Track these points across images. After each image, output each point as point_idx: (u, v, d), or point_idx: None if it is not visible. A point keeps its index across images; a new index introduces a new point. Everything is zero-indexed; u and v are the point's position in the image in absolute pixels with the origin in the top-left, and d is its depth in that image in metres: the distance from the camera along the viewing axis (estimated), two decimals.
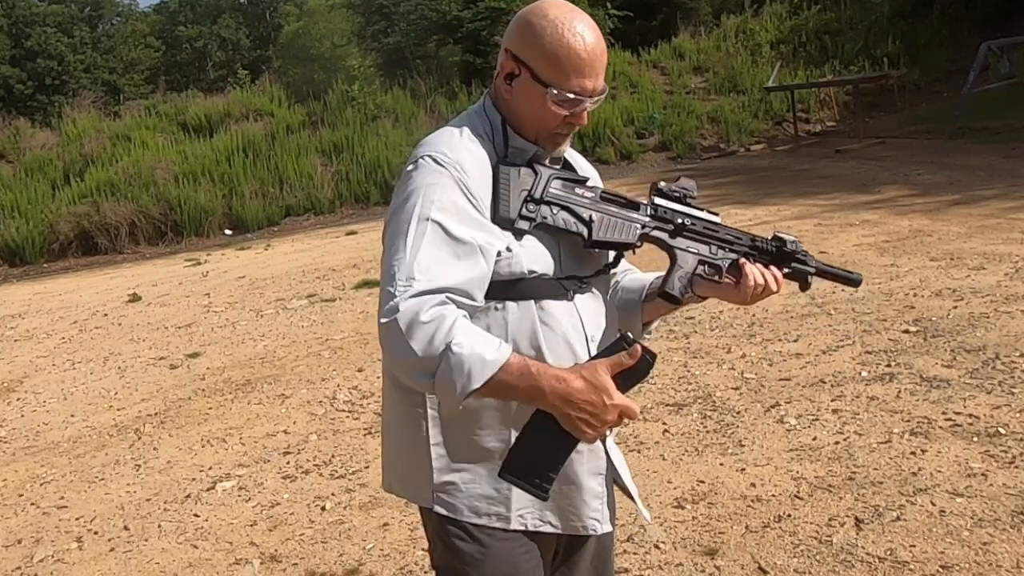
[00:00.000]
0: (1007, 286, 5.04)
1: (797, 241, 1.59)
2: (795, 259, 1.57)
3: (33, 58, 38.79)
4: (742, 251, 1.54)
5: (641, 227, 1.47)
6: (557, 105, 1.38)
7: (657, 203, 1.50)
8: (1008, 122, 12.16)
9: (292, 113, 16.51)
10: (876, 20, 18.35)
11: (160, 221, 13.49)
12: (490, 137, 1.43)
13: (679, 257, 1.49)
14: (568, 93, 1.37)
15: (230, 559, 3.13)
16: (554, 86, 1.37)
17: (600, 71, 1.39)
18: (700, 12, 23.02)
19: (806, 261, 1.59)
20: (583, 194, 1.43)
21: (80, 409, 5.22)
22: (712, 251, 1.52)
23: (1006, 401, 3.52)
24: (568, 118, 1.41)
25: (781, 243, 1.57)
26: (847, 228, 7.34)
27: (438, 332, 1.21)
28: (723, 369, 4.39)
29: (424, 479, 1.43)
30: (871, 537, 2.69)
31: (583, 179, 1.46)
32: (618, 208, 1.46)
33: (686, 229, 1.50)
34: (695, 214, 1.52)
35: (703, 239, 1.52)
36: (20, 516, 3.76)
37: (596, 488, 1.48)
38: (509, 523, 1.42)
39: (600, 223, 1.42)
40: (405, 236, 1.29)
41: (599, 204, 1.44)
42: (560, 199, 1.41)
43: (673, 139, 15.64)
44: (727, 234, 1.54)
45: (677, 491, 3.17)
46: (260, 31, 49.62)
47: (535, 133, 1.43)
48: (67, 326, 7.81)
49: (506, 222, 1.37)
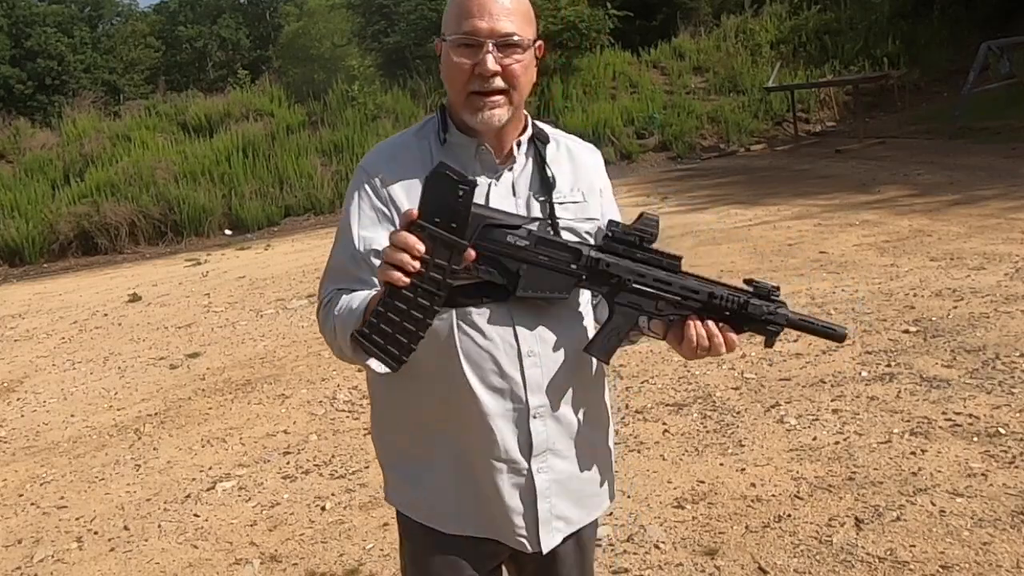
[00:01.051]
0: (1007, 286, 5.04)
1: (773, 289, 1.43)
2: (758, 321, 1.42)
3: (33, 58, 38.78)
4: (695, 307, 1.39)
5: (576, 280, 1.37)
6: (456, 54, 1.34)
7: (600, 252, 1.38)
8: (1008, 122, 12.16)
9: (292, 113, 16.51)
10: (876, 20, 18.34)
11: (160, 221, 13.49)
12: (435, 136, 1.42)
13: (616, 313, 1.39)
14: (459, 35, 1.33)
15: (230, 559, 3.13)
16: (449, 35, 1.35)
17: (498, 14, 1.33)
18: (700, 12, 23.01)
19: (773, 319, 1.43)
20: (516, 242, 1.33)
21: (80, 409, 5.22)
22: (659, 307, 1.40)
23: (1006, 401, 3.52)
24: (477, 69, 1.33)
25: (744, 303, 1.40)
26: (847, 228, 7.34)
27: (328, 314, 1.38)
28: (723, 369, 4.39)
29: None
30: (871, 537, 2.69)
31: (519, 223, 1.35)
32: (555, 256, 1.35)
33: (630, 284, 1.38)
34: (641, 271, 1.38)
35: (650, 295, 1.39)
36: (20, 516, 3.76)
37: (516, 505, 1.42)
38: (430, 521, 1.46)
39: (528, 276, 1.33)
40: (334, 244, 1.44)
41: (533, 253, 1.33)
42: (489, 250, 1.31)
43: (673, 139, 15.64)
44: (681, 289, 1.39)
45: (677, 491, 3.17)
46: (260, 31, 49.61)
47: (459, 102, 1.37)
48: (67, 326, 7.80)
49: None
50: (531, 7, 1.41)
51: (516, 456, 1.40)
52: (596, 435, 1.52)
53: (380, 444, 1.54)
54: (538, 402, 1.39)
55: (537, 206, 1.42)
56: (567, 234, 1.41)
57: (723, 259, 6.72)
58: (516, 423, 1.39)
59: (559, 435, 1.43)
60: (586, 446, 1.48)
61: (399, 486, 1.50)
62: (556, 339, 1.40)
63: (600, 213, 1.50)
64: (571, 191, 1.46)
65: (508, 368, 1.37)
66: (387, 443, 1.52)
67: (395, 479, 1.51)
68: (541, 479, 1.42)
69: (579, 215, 1.45)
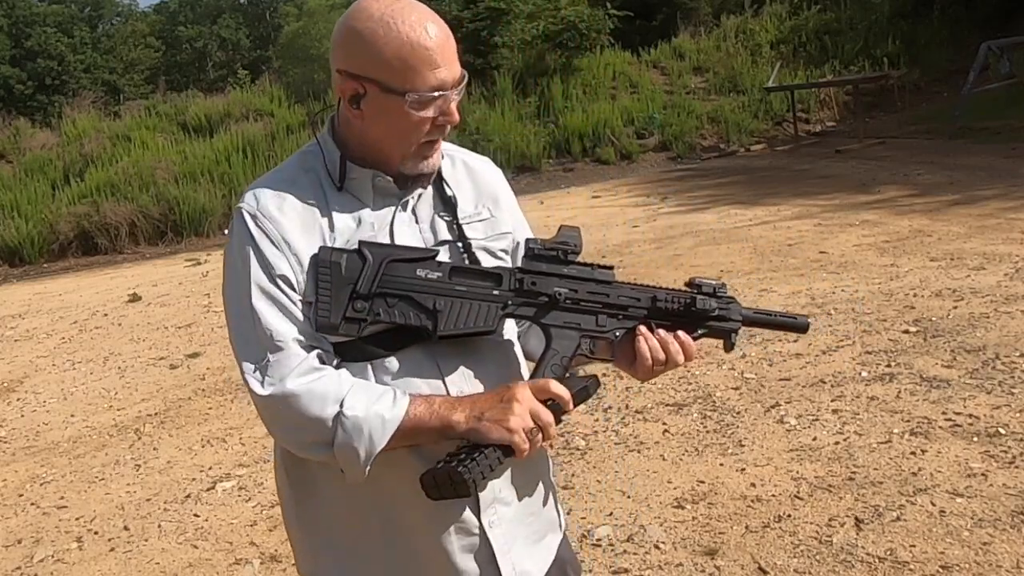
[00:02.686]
0: (1007, 286, 5.04)
1: (719, 286, 1.31)
2: (708, 319, 1.30)
3: (33, 58, 38.82)
4: (639, 316, 1.28)
5: (503, 307, 1.23)
6: (419, 110, 1.19)
7: (523, 273, 1.24)
8: (1008, 122, 12.16)
9: (292, 113, 16.50)
10: (876, 20, 18.33)
11: (160, 221, 13.48)
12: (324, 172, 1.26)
13: (555, 338, 1.25)
14: (429, 93, 1.18)
15: (230, 559, 3.13)
16: (410, 91, 1.17)
17: (453, 58, 1.20)
18: (700, 12, 23.03)
19: (727, 316, 1.31)
20: (427, 275, 1.20)
21: (80, 409, 5.22)
22: (600, 322, 1.27)
23: (1006, 401, 3.52)
24: (438, 120, 1.21)
25: (691, 301, 1.28)
26: (847, 228, 7.34)
27: (326, 399, 1.13)
28: (723, 369, 4.39)
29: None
30: (871, 537, 2.69)
31: (429, 255, 1.22)
32: (474, 285, 1.22)
33: (563, 301, 1.25)
34: (572, 286, 1.25)
35: (587, 310, 1.26)
36: (20, 516, 3.76)
37: (471, 568, 1.26)
38: None
39: (448, 311, 1.19)
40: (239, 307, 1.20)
41: (448, 285, 1.20)
42: (397, 288, 1.18)
43: (673, 139, 15.64)
44: (620, 296, 1.27)
45: (677, 491, 3.17)
46: (260, 31, 49.64)
47: (402, 153, 1.23)
48: (67, 326, 7.80)
49: (327, 328, 1.17)
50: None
51: (463, 514, 1.24)
52: (538, 468, 1.38)
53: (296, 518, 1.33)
54: None
55: (444, 226, 1.29)
56: (482, 255, 1.29)
57: (723, 259, 6.72)
58: None
59: (502, 482, 1.28)
60: (531, 484, 1.35)
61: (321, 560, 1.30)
62: (488, 381, 1.25)
63: (512, 227, 1.38)
64: (476, 208, 1.33)
65: None
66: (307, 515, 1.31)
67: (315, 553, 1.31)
68: (496, 535, 1.27)
69: (490, 232, 1.33)
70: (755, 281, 5.96)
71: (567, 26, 16.35)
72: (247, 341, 1.19)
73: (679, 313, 1.28)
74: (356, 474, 1.15)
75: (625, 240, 8.06)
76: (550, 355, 1.24)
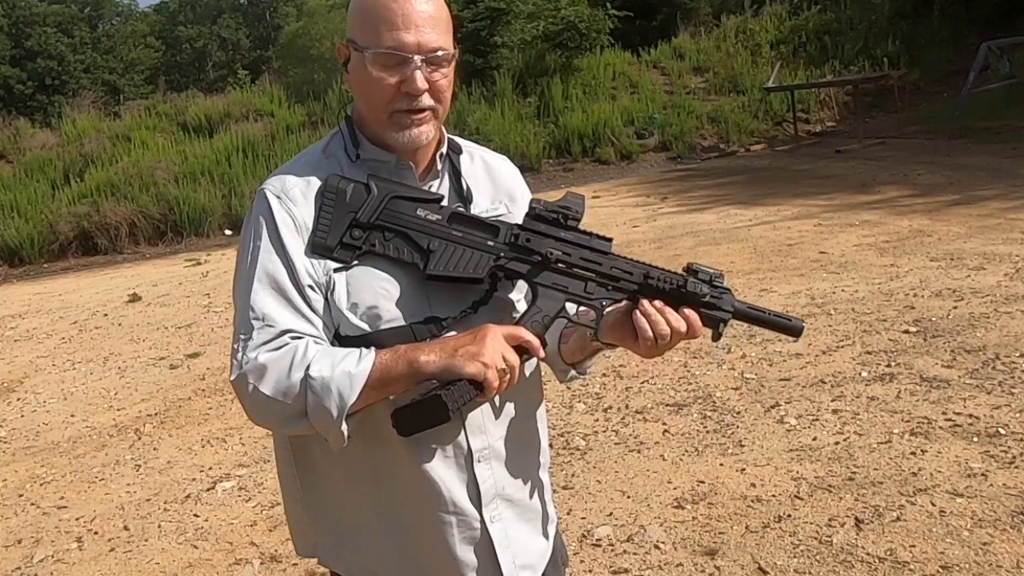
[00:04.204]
0: (1007, 286, 5.04)
1: (717, 275, 1.29)
2: (699, 303, 1.27)
3: (33, 58, 38.84)
4: (629, 290, 1.27)
5: (495, 258, 1.23)
6: (378, 69, 1.20)
7: (520, 229, 1.25)
8: (1008, 122, 12.16)
9: (292, 113, 16.51)
10: (876, 20, 18.34)
11: (160, 221, 13.48)
12: (345, 155, 1.28)
13: (540, 296, 1.24)
14: (381, 49, 1.19)
15: (230, 559, 3.13)
16: (370, 47, 1.20)
17: (423, 25, 1.20)
18: (700, 12, 23.03)
19: (717, 304, 1.28)
20: (426, 216, 1.22)
21: (80, 409, 5.22)
22: (588, 289, 1.26)
23: (1006, 401, 3.53)
24: (402, 87, 1.20)
25: (683, 283, 1.27)
26: (847, 228, 7.34)
27: (292, 367, 1.12)
28: (723, 369, 4.39)
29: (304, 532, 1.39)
30: (871, 537, 2.69)
31: (433, 197, 1.24)
32: (471, 233, 1.24)
33: (554, 263, 1.25)
34: (566, 250, 1.25)
35: (578, 275, 1.26)
36: (20, 516, 3.76)
37: (471, 561, 1.28)
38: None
39: (441, 253, 1.21)
40: (241, 289, 1.22)
41: (446, 228, 1.22)
42: (396, 223, 1.20)
43: (673, 139, 15.64)
44: (613, 268, 1.26)
45: (677, 491, 3.17)
46: (260, 31, 49.66)
47: (375, 119, 1.24)
48: (67, 326, 7.80)
49: (322, 249, 1.19)
50: (449, 13, 1.28)
51: (465, 507, 1.25)
52: (537, 459, 1.40)
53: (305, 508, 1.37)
54: (480, 444, 1.26)
55: None
56: None
57: (723, 259, 6.72)
58: (459, 470, 1.25)
59: (504, 476, 1.30)
60: (531, 476, 1.36)
61: (336, 550, 1.33)
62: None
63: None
64: (492, 203, 1.35)
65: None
66: (312, 500, 1.34)
67: (328, 541, 1.34)
68: (496, 529, 1.28)
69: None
70: (755, 281, 5.96)
71: (567, 26, 16.35)
72: (237, 323, 1.20)
73: (669, 293, 1.26)
74: (335, 437, 1.13)
75: (625, 240, 8.06)
76: (533, 311, 1.23)
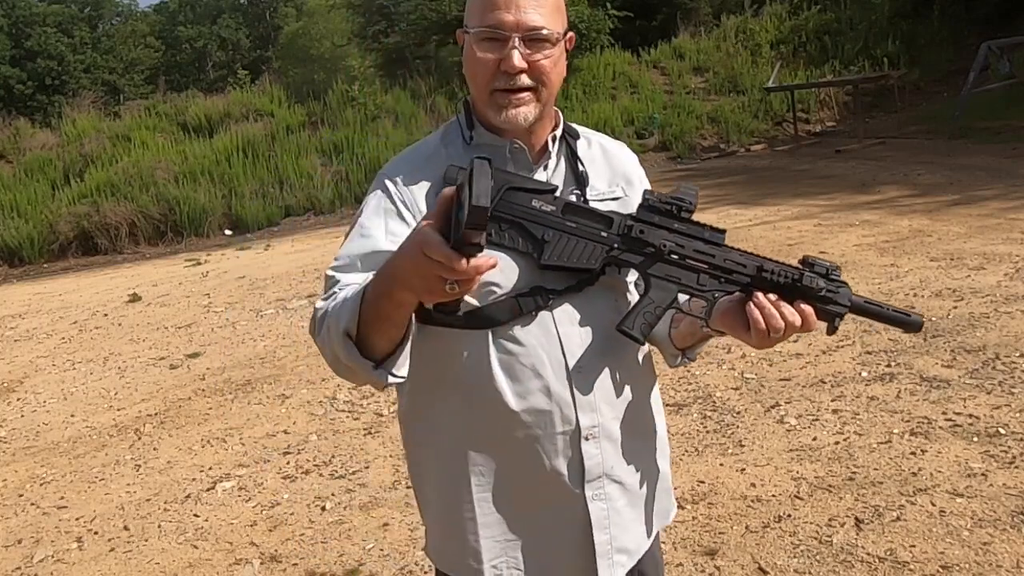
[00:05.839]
0: (1007, 286, 5.04)
1: (833, 268, 1.27)
2: (815, 298, 1.25)
3: (33, 58, 38.84)
4: (742, 282, 1.26)
5: (608, 250, 1.25)
6: (479, 48, 1.24)
7: (634, 220, 1.26)
8: (1008, 122, 12.17)
9: (292, 113, 16.50)
10: (876, 20, 18.35)
11: (160, 221, 13.48)
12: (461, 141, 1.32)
13: (653, 288, 1.26)
14: (483, 28, 1.23)
15: (230, 559, 3.13)
16: (472, 27, 1.25)
17: (525, 6, 1.22)
18: (700, 12, 23.02)
19: (833, 298, 1.26)
20: (541, 207, 1.24)
21: (80, 409, 5.22)
22: (700, 281, 1.27)
23: (1006, 401, 3.52)
24: (502, 65, 1.23)
25: (799, 276, 1.25)
26: (847, 228, 7.34)
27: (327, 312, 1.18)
28: (723, 369, 4.39)
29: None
30: (871, 537, 2.69)
31: (548, 188, 1.26)
32: (585, 224, 1.25)
33: (668, 254, 1.26)
34: (680, 241, 1.26)
35: (691, 267, 1.27)
36: (20, 516, 3.76)
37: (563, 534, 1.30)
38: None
39: (555, 244, 1.23)
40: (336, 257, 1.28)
41: (560, 219, 1.24)
42: (511, 213, 1.23)
43: (673, 139, 15.65)
44: (727, 260, 1.26)
45: (677, 491, 3.16)
46: (260, 31, 49.67)
47: (482, 99, 1.28)
48: (67, 326, 7.80)
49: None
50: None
51: (565, 482, 1.27)
52: (651, 445, 1.39)
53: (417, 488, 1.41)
54: (590, 422, 1.27)
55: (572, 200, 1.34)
56: None
57: None
58: (564, 446, 1.27)
59: (614, 456, 1.31)
60: (643, 462, 1.36)
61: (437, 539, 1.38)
62: (605, 350, 1.28)
63: None
64: (609, 187, 1.37)
65: (555, 386, 1.25)
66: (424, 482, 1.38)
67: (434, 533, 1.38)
68: (596, 507, 1.29)
69: (623, 211, 1.32)
70: None
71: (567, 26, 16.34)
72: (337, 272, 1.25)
73: (784, 287, 1.25)
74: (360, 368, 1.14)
75: None
76: (645, 302, 1.26)
